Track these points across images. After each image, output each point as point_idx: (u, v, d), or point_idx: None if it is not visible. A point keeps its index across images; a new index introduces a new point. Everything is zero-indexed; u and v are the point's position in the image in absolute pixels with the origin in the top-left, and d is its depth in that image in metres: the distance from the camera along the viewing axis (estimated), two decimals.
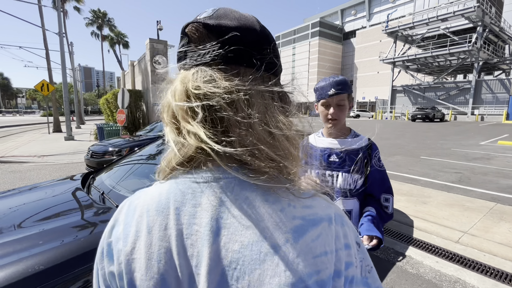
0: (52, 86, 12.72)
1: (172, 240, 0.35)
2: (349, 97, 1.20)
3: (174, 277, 0.35)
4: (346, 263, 0.36)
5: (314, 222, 0.36)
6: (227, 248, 0.34)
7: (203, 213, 0.35)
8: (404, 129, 17.50)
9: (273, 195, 0.36)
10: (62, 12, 17.51)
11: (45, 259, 1.08)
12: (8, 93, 69.84)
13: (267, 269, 0.33)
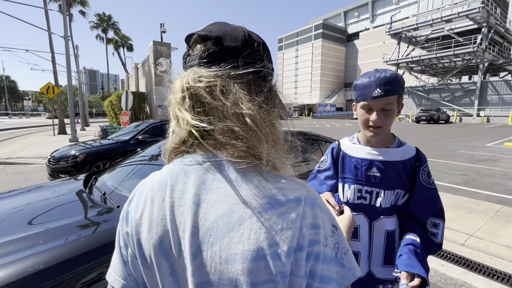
0: (57, 89, 12.88)
1: (167, 210, 0.44)
2: (399, 98, 0.95)
3: (167, 239, 0.44)
4: (310, 240, 0.41)
5: (280, 202, 0.41)
6: (205, 218, 0.42)
7: (190, 189, 0.44)
8: (409, 131, 17.35)
9: (246, 176, 0.43)
10: (68, 16, 17.78)
11: (48, 257, 1.08)
12: (15, 96, 70.92)
13: (234, 236, 0.40)
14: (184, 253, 0.43)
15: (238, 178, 0.43)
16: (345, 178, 1.07)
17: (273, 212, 0.40)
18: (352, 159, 1.06)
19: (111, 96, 14.02)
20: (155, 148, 2.57)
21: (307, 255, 0.41)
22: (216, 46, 0.45)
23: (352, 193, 1.05)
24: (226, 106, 0.43)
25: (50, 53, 15.71)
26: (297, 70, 62.04)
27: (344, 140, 1.14)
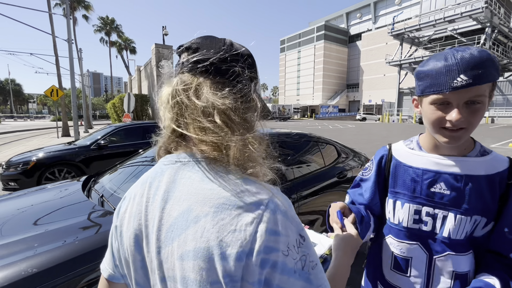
0: (61, 92, 13.01)
1: (143, 205, 0.48)
2: (493, 87, 0.68)
3: (141, 233, 0.47)
4: (267, 247, 0.38)
5: (238, 203, 0.41)
6: (170, 215, 0.44)
7: (162, 187, 0.46)
8: (412, 132, 17.23)
9: (212, 175, 0.44)
10: (72, 19, 17.98)
11: (41, 261, 1.08)
12: (20, 99, 71.83)
13: (189, 234, 0.41)
14: (151, 247, 0.45)
15: (203, 177, 0.44)
16: (397, 193, 0.83)
17: (228, 213, 0.40)
18: (408, 169, 0.81)
19: (114, 99, 14.12)
20: (154, 150, 2.58)
21: (262, 261, 0.38)
22: (194, 55, 0.48)
23: (406, 214, 0.80)
24: (198, 106, 0.45)
25: (54, 56, 15.89)
26: (299, 71, 62.04)
27: (398, 145, 0.89)
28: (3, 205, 1.86)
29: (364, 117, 38.56)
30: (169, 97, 0.48)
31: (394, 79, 40.12)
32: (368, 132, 17.56)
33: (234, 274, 0.38)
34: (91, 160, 5.20)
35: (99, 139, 5.41)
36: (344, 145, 3.33)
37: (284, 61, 66.24)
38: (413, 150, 0.85)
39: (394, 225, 0.84)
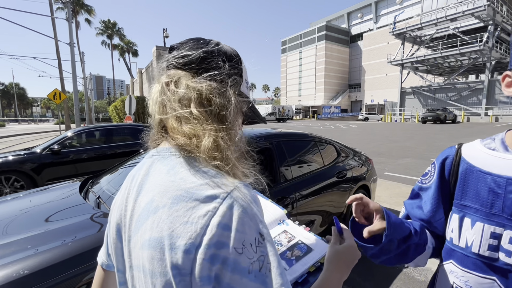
0: (64, 95, 13.11)
1: (125, 197, 0.50)
2: None
3: (121, 221, 0.49)
4: (218, 242, 0.37)
5: (194, 196, 0.40)
6: (139, 206, 0.46)
7: (139, 179, 0.49)
8: (414, 131, 17.11)
9: (178, 167, 0.44)
10: (74, 24, 18.15)
11: (33, 263, 1.07)
12: (24, 102, 72.56)
13: (148, 224, 0.42)
14: (125, 236, 0.48)
15: (170, 169, 0.44)
16: (465, 207, 0.63)
17: (183, 204, 0.40)
18: (486, 177, 0.61)
19: (116, 101, 14.21)
20: None
21: (212, 256, 0.36)
22: (179, 52, 0.51)
23: (478, 237, 0.60)
24: (176, 96, 0.46)
25: (57, 60, 16.05)
26: (301, 72, 61.97)
27: (472, 144, 0.69)
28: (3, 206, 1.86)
29: (366, 117, 38.38)
30: (157, 93, 0.49)
31: (396, 79, 39.88)
32: (370, 132, 17.47)
33: (182, 267, 0.37)
34: (43, 167, 4.70)
35: (52, 144, 4.96)
36: (343, 145, 3.30)
37: (285, 62, 66.21)
38: (495, 151, 0.62)
39: (459, 248, 0.63)
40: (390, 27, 30.22)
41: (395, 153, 9.06)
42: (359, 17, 56.29)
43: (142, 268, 0.42)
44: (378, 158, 7.91)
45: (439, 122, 24.06)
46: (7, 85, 65.40)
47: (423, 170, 6.41)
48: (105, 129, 5.84)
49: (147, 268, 0.40)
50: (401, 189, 4.95)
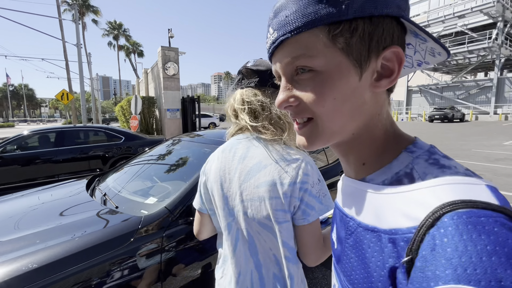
0: (71, 95, 13.31)
1: (225, 162, 0.82)
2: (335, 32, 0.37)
3: (224, 177, 0.81)
4: (303, 181, 0.73)
5: (287, 158, 0.76)
6: (247, 165, 0.78)
7: (240, 151, 0.81)
8: (421, 130, 16.88)
9: (270, 145, 0.79)
10: (81, 25, 18.41)
11: (42, 257, 1.10)
12: (33, 103, 73.92)
13: (261, 173, 0.75)
14: (235, 185, 0.78)
15: (265, 146, 0.79)
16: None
17: (282, 163, 0.75)
18: None
19: (122, 101, 14.36)
20: (162, 147, 2.59)
21: (300, 187, 0.73)
22: (262, 76, 0.82)
23: None
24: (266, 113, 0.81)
25: (64, 61, 16.30)
26: None
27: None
28: (12, 203, 1.91)
29: None
30: (245, 104, 0.82)
31: (402, 77, 39.26)
32: None
33: (287, 193, 0.72)
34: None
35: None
36: None
37: None
38: None
39: None
40: None
41: None
42: None
43: (259, 198, 0.74)
44: None
45: (447, 121, 23.69)
46: (16, 86, 66.70)
47: None
48: (59, 131, 5.37)
49: (266, 196, 0.73)
50: None
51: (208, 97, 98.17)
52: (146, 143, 5.83)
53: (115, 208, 1.58)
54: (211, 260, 1.51)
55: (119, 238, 1.26)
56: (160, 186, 1.89)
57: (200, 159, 2.09)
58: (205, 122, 21.80)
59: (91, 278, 1.11)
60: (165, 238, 1.34)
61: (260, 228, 0.75)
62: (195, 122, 11.29)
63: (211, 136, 2.30)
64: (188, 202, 1.51)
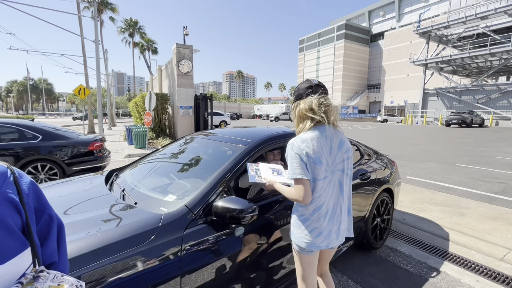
0: (88, 90, 13.65)
1: (322, 142, 1.35)
2: None
3: (323, 151, 1.34)
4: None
5: (347, 138, 1.50)
6: (335, 143, 1.39)
7: (328, 134, 1.38)
8: (438, 135, 16.35)
9: (338, 131, 1.44)
10: (99, 21, 18.85)
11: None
12: (51, 97, 76.42)
13: (343, 147, 1.42)
14: (332, 155, 1.36)
15: (339, 131, 1.44)
16: None
17: (348, 141, 1.48)
18: None
19: (136, 97, 14.61)
20: (175, 146, 2.59)
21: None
22: (324, 89, 1.42)
23: None
24: (336, 111, 1.40)
25: (82, 57, 16.71)
26: (318, 71, 61.00)
27: None
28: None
29: (385, 119, 37.16)
30: (321, 105, 1.36)
31: (418, 79, 38.24)
32: (390, 134, 16.88)
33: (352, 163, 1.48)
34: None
35: None
36: (366, 146, 3.18)
37: (303, 61, 65.42)
38: None
39: None
40: (414, 26, 29.00)
41: (417, 156, 8.69)
42: (381, 15, 54.48)
43: (344, 163, 1.40)
44: (399, 161, 7.61)
45: (465, 126, 22.88)
46: (36, 80, 69.15)
47: (448, 175, 6.10)
48: None
49: (349, 163, 1.43)
50: (425, 194, 4.73)
51: (220, 96, 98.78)
52: (70, 144, 5.02)
53: (134, 204, 1.58)
54: (228, 261, 1.48)
55: (140, 235, 1.24)
56: (178, 184, 1.87)
57: (216, 158, 2.07)
58: (216, 120, 21.91)
59: (113, 274, 1.09)
60: (185, 237, 1.32)
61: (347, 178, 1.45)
62: (207, 120, 11.33)
63: (226, 134, 2.28)
64: (208, 201, 1.49)
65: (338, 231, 1.42)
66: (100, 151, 5.48)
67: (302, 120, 1.38)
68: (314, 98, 1.34)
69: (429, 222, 3.52)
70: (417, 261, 2.60)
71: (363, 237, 2.67)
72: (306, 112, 1.34)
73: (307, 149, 1.30)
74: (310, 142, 1.30)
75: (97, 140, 5.50)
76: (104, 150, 5.69)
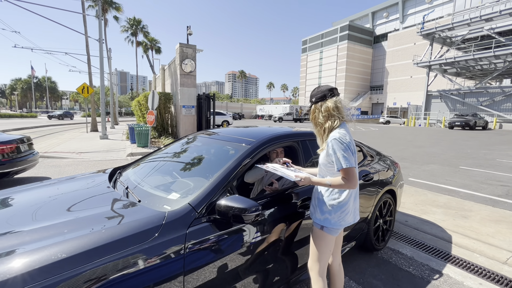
0: (91, 89, 13.73)
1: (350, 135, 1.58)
2: None
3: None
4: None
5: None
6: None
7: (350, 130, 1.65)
8: (440, 137, 16.27)
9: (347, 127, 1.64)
10: (103, 21, 18.94)
11: (70, 247, 1.10)
12: (55, 95, 76.80)
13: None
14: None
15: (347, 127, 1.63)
16: None
17: None
18: None
19: (139, 96, 14.66)
20: (177, 145, 2.60)
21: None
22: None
23: None
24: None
25: (86, 55, 16.80)
26: (320, 72, 60.89)
27: None
28: (37, 192, 1.95)
29: (388, 120, 37.02)
30: (338, 107, 1.60)
31: (421, 81, 38.07)
32: (392, 136, 16.82)
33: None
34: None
35: None
36: (369, 147, 3.18)
37: (305, 62, 65.32)
38: None
39: None
40: (418, 27, 28.91)
41: (420, 158, 8.65)
42: (385, 17, 54.30)
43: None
44: (402, 163, 7.58)
45: (468, 128, 22.73)
46: (40, 78, 69.57)
47: (451, 178, 6.06)
48: None
49: None
50: (427, 196, 4.70)
51: (222, 95, 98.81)
52: None
53: (137, 201, 1.58)
54: (231, 260, 1.48)
55: (144, 232, 1.25)
56: (181, 182, 1.88)
57: (219, 157, 2.07)
58: (218, 120, 21.93)
59: (116, 271, 1.10)
60: (188, 235, 1.33)
61: None
62: (209, 120, 11.35)
63: (229, 134, 2.28)
64: (211, 199, 1.49)
65: (357, 208, 1.69)
66: (8, 155, 4.55)
67: (330, 117, 1.55)
68: (339, 98, 1.59)
69: (432, 224, 3.51)
70: (420, 263, 2.59)
71: (365, 238, 2.66)
72: (332, 110, 1.54)
73: (352, 141, 1.53)
74: (348, 136, 1.52)
75: (4, 142, 4.57)
76: (15, 154, 4.70)
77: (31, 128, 19.70)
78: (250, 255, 1.57)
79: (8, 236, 1.24)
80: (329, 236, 1.62)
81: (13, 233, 1.27)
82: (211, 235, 1.41)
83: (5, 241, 1.19)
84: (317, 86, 1.69)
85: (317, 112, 1.61)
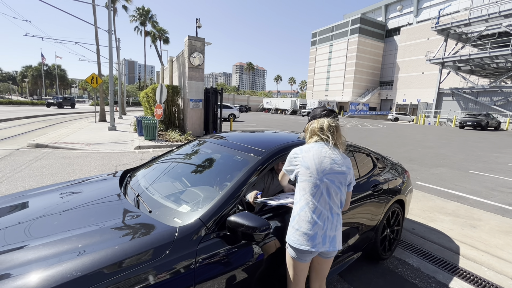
0: (100, 79, 13.81)
1: (318, 159, 1.51)
2: None
3: (319, 167, 1.50)
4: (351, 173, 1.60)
5: (347, 157, 1.61)
6: (334, 165, 1.52)
7: (324, 152, 1.53)
8: (451, 137, 15.94)
9: (337, 150, 1.58)
10: (113, 10, 18.83)
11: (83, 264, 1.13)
12: (64, 84, 77.59)
13: (343, 168, 1.54)
14: (325, 171, 1.49)
15: (336, 150, 1.57)
16: None
17: (348, 162, 1.59)
18: None
19: (146, 88, 14.70)
20: (188, 147, 2.60)
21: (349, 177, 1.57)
22: (335, 115, 1.68)
23: None
24: (339, 132, 1.63)
25: (96, 45, 16.84)
26: (329, 66, 59.89)
27: None
28: (45, 197, 1.99)
29: (396, 117, 36.41)
30: (331, 127, 1.60)
31: (433, 78, 37.13)
32: (401, 134, 16.55)
33: (350, 180, 1.60)
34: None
35: None
36: (379, 154, 3.13)
37: (314, 55, 64.25)
38: None
39: None
40: (433, 22, 27.96)
41: (429, 160, 8.51)
42: (398, 10, 52.65)
43: (338, 179, 1.51)
44: (410, 165, 7.48)
45: (479, 128, 22.22)
46: (50, 66, 70.30)
47: (460, 183, 5.96)
48: None
49: (342, 178, 1.52)
50: (435, 203, 4.65)
51: (229, 87, 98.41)
52: None
53: (148, 212, 1.60)
54: (240, 276, 1.49)
55: (156, 249, 1.26)
56: (191, 192, 1.89)
57: (228, 166, 2.06)
58: (225, 113, 21.89)
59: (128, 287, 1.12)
60: (199, 251, 1.34)
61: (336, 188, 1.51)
62: (216, 113, 11.34)
63: (238, 141, 2.26)
64: (221, 214, 1.50)
65: (320, 236, 1.46)
66: None
67: (312, 135, 1.64)
68: (326, 120, 1.61)
69: (439, 233, 3.47)
70: (426, 275, 2.57)
71: (372, 248, 2.65)
72: (316, 130, 1.62)
73: (305, 156, 1.58)
74: (305, 152, 1.56)
75: None
76: None
77: (42, 116, 20.05)
78: (261, 270, 1.58)
79: (21, 252, 1.25)
80: (289, 257, 1.52)
81: (24, 248, 1.28)
82: (221, 249, 1.42)
83: (19, 256, 1.21)
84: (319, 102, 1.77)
85: (305, 128, 1.76)
